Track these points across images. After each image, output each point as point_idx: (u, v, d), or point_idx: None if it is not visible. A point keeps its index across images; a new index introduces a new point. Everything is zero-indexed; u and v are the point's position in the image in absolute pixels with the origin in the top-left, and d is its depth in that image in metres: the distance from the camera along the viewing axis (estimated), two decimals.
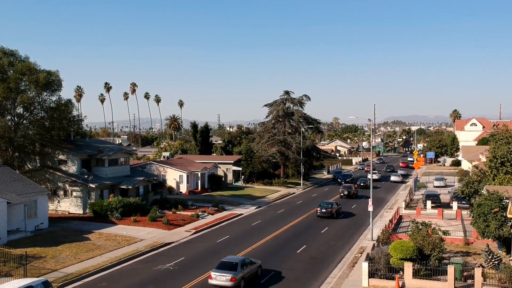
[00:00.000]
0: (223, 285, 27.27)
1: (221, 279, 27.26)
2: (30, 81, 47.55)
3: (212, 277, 27.62)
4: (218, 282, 27.39)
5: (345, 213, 54.06)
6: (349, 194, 66.21)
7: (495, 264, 28.73)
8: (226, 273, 27.32)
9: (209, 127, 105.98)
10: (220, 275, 27.35)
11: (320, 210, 51.50)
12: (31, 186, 42.37)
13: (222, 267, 28.00)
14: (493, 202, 33.55)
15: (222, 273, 27.39)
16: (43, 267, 31.11)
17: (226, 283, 27.09)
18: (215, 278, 27.50)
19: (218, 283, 27.40)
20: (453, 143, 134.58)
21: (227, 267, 27.92)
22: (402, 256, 28.09)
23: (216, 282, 27.45)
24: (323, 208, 51.62)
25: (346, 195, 66.14)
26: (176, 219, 46.89)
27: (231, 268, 27.82)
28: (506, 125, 59.35)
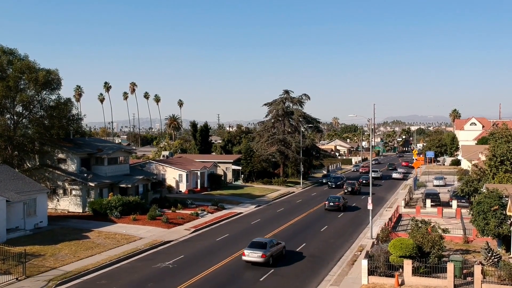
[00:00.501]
0: (255, 261, 31.25)
1: (253, 255, 31.28)
2: (30, 80, 47.47)
3: (246, 254, 31.67)
4: (250, 259, 31.37)
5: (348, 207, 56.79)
6: (353, 190, 68.54)
7: (495, 261, 28.70)
8: (257, 250, 31.33)
9: (209, 127, 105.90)
10: (252, 253, 31.41)
11: (328, 204, 54.59)
12: (30, 185, 42.32)
13: (253, 246, 31.87)
14: (493, 200, 33.56)
15: (254, 251, 31.42)
16: (42, 265, 31.09)
17: (257, 259, 31.15)
18: (248, 255, 31.52)
19: (250, 259, 31.38)
20: (453, 143, 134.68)
21: (258, 246, 31.87)
22: (401, 253, 28.07)
23: (249, 258, 31.45)
24: (330, 202, 54.73)
25: (350, 191, 68.10)
26: (176, 218, 46.86)
27: (261, 246, 31.78)
28: (505, 124, 59.34)
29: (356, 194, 68.41)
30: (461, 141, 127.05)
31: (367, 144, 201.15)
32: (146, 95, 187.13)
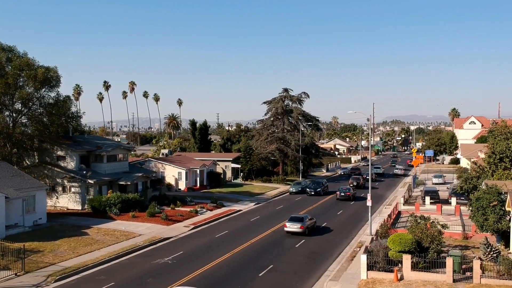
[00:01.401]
0: (295, 231, 39.75)
1: (293, 227, 39.89)
2: (29, 77, 47.44)
3: (287, 226, 40.15)
4: (291, 229, 39.87)
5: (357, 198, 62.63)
6: (358, 185, 73.43)
7: (494, 257, 28.70)
8: (296, 223, 39.87)
9: (208, 125, 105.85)
10: (292, 225, 39.92)
11: (339, 194, 61.88)
12: (29, 182, 42.29)
13: (293, 220, 40.54)
14: (492, 196, 33.57)
15: (294, 223, 39.95)
16: (41, 260, 31.09)
17: (297, 229, 39.66)
18: (289, 227, 40.01)
19: (291, 230, 39.88)
20: (452, 141, 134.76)
21: (297, 220, 40.54)
22: (400, 248, 28.08)
23: (290, 229, 39.93)
24: (342, 192, 61.98)
25: (355, 185, 72.77)
26: (175, 215, 46.86)
27: (299, 220, 40.44)
28: (505, 121, 59.37)
29: (361, 188, 72.51)
30: (460, 140, 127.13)
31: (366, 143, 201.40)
32: (145, 94, 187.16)
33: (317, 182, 68.55)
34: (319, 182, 68.35)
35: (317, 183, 68.32)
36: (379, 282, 26.84)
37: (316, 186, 66.29)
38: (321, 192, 64.71)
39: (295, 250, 35.49)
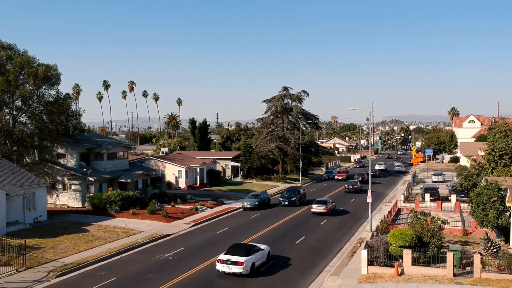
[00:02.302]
0: (320, 211, 48.22)
1: (319, 208, 48.45)
2: (29, 74, 47.48)
3: (313, 207, 48.81)
4: (317, 210, 48.47)
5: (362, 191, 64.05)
6: (363, 180, 75.87)
7: (494, 251, 28.75)
8: (321, 205, 48.72)
9: (208, 124, 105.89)
10: (318, 206, 48.74)
11: (348, 187, 67.09)
12: (29, 179, 42.33)
13: (318, 203, 49.40)
14: (492, 192, 33.63)
15: (319, 205, 48.80)
16: (42, 256, 31.16)
17: (322, 210, 48.15)
18: (315, 208, 48.70)
19: (317, 210, 48.44)
20: (451, 140, 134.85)
21: (322, 202, 49.37)
22: (401, 243, 28.12)
23: (315, 210, 48.56)
24: (349, 185, 67.27)
25: (360, 180, 74.73)
26: (175, 212, 46.91)
27: (324, 203, 49.25)
28: (504, 119, 59.41)
29: (366, 183, 73.26)
30: (460, 139, 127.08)
31: (366, 143, 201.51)
32: (144, 93, 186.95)
33: (292, 190, 58.79)
34: (294, 190, 58.63)
35: (292, 190, 58.30)
36: (379, 276, 26.91)
37: (290, 195, 56.11)
38: (296, 202, 54.47)
39: (295, 246, 35.54)
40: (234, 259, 27.58)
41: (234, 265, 27.40)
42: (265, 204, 53.56)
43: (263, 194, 55.48)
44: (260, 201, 52.60)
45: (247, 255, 28.09)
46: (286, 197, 55.65)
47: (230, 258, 27.69)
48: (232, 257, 27.77)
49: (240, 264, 27.30)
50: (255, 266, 28.45)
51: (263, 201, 53.68)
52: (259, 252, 29.60)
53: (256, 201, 52.25)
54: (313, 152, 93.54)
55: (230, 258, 27.73)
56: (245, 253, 28.20)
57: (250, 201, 52.36)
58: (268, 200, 55.28)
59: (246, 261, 27.53)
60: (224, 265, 27.66)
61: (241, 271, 27.30)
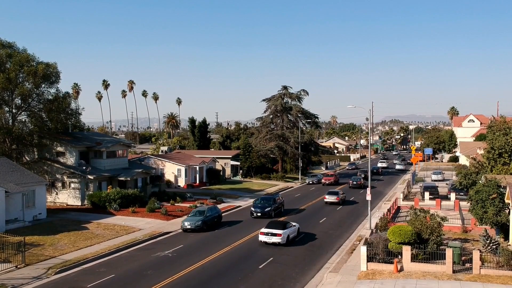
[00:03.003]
0: (332, 201, 53.15)
1: (331, 198, 53.37)
2: (29, 73, 47.44)
3: (326, 198, 53.66)
4: (329, 200, 53.19)
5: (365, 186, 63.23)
6: (366, 177, 75.45)
7: (493, 248, 28.77)
8: (333, 195, 53.80)
9: (207, 123, 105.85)
10: (330, 197, 53.58)
11: (352, 183, 70.83)
12: (29, 177, 42.31)
13: (330, 193, 54.30)
14: (491, 189, 33.67)
15: (331, 196, 53.74)
16: (42, 254, 31.16)
17: (334, 200, 53.23)
18: (328, 198, 53.36)
19: (329, 200, 53.17)
20: (451, 140, 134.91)
21: (334, 193, 54.21)
22: (400, 240, 28.14)
23: (328, 200, 53.25)
24: (354, 181, 71.23)
25: (363, 177, 75.14)
26: (175, 210, 46.92)
27: (335, 193, 54.29)
28: (504, 117, 59.48)
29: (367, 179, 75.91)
30: (459, 138, 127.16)
31: (365, 142, 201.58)
32: (144, 93, 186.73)
33: (266, 198, 49.77)
34: (269, 198, 49.49)
35: (266, 199, 49.32)
36: (379, 273, 26.90)
37: (264, 204, 47.06)
38: (271, 213, 46.13)
39: (295, 243, 35.48)
40: (274, 232, 33.81)
41: (274, 236, 33.69)
42: (213, 224, 41.00)
43: (211, 210, 41.88)
44: (205, 220, 39.71)
45: (284, 228, 34.54)
46: (259, 206, 46.64)
47: (271, 231, 33.94)
48: (272, 230, 33.98)
49: (278, 236, 33.60)
50: (289, 238, 34.63)
51: (211, 219, 40.81)
52: (292, 227, 35.88)
53: (200, 220, 39.30)
54: (312, 151, 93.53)
55: (271, 231, 33.98)
56: (282, 227, 34.73)
57: (192, 220, 39.32)
58: (218, 217, 42.39)
59: (283, 233, 33.94)
60: (266, 236, 33.89)
61: (280, 241, 33.51)
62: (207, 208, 42.15)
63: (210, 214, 41.05)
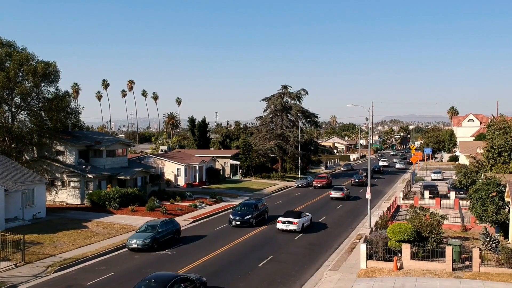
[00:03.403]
0: (338, 196, 56.27)
1: (336, 194, 56.65)
2: (28, 71, 47.33)
3: (332, 194, 57.13)
4: (335, 195, 56.70)
5: None
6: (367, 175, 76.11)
7: (493, 246, 28.72)
8: (339, 191, 56.96)
9: (207, 122, 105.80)
10: (335, 192, 57.09)
11: (354, 181, 73.34)
12: (28, 175, 42.27)
13: (336, 189, 57.74)
14: (491, 187, 33.66)
15: (336, 191, 57.16)
16: (41, 252, 31.12)
17: (339, 195, 56.43)
18: (333, 194, 56.86)
19: (335, 196, 56.62)
20: (451, 139, 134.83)
21: (339, 189, 57.59)
22: (400, 238, 28.11)
23: (334, 195, 56.78)
24: (356, 178, 73.76)
25: (365, 176, 75.91)
26: (174, 209, 46.90)
27: (341, 189, 57.41)
28: (503, 116, 59.44)
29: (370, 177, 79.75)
30: (459, 138, 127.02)
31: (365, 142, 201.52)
32: (144, 93, 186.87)
33: (248, 204, 43.31)
34: (251, 204, 43.04)
35: (248, 205, 43.11)
36: (378, 271, 26.89)
37: (244, 211, 41.54)
38: (252, 221, 40.52)
39: (294, 242, 35.53)
40: (290, 220, 37.97)
41: (290, 224, 37.80)
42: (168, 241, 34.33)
43: (165, 225, 34.69)
44: (156, 237, 32.94)
45: (299, 217, 38.60)
46: (238, 214, 41.14)
47: (287, 220, 38.14)
48: (289, 218, 38.19)
49: (294, 223, 37.73)
50: (304, 226, 38.67)
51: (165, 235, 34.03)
52: (306, 217, 39.98)
53: (150, 238, 32.42)
54: (312, 151, 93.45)
55: (287, 219, 38.18)
56: (297, 216, 38.86)
57: (139, 238, 32.56)
58: (175, 232, 35.33)
59: (299, 221, 38.04)
60: (283, 224, 38.06)
61: (295, 228, 37.63)
62: (160, 222, 34.64)
63: (163, 229, 33.96)
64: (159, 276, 21.56)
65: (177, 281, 21.29)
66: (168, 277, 21.51)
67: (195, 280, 22.55)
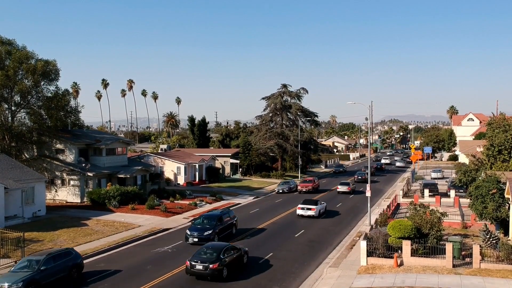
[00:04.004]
0: (344, 191, 60.51)
1: (342, 188, 60.84)
2: (28, 70, 47.31)
3: (339, 188, 61.17)
4: (341, 190, 60.71)
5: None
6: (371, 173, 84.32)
7: (493, 243, 28.72)
8: (345, 185, 61.30)
9: (207, 121, 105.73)
10: (342, 187, 61.04)
11: (357, 178, 75.85)
12: (28, 173, 42.25)
13: (343, 184, 61.86)
14: (491, 184, 33.65)
15: (343, 186, 61.16)
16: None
17: (346, 190, 60.46)
18: (340, 189, 60.93)
19: (341, 190, 60.67)
20: (450, 138, 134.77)
21: (345, 184, 61.71)
22: (400, 234, 28.10)
23: (340, 190, 60.85)
24: (359, 176, 76.40)
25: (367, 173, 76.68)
26: (174, 207, 46.88)
27: (346, 184, 61.72)
28: (503, 114, 59.46)
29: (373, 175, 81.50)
30: (459, 137, 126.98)
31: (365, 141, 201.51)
32: (143, 92, 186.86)
33: (210, 217, 35.64)
34: (214, 217, 35.34)
35: (210, 217, 35.52)
36: (379, 267, 26.87)
37: (205, 225, 34.40)
38: (213, 237, 33.27)
39: (295, 239, 35.53)
40: (309, 207, 43.97)
41: (309, 210, 43.67)
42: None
43: (53, 260, 25.00)
44: (36, 279, 23.37)
45: (316, 205, 44.58)
46: (197, 229, 33.86)
47: (306, 206, 44.12)
48: (307, 206, 44.24)
49: (312, 210, 43.63)
50: (320, 212, 44.53)
51: (50, 275, 24.36)
52: (322, 204, 45.95)
53: (21, 281, 22.84)
54: (312, 149, 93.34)
55: (306, 206, 44.17)
56: (315, 203, 44.83)
57: (10, 281, 22.96)
58: (70, 268, 25.52)
59: (316, 208, 43.97)
60: (302, 210, 43.98)
61: (313, 214, 43.54)
62: (45, 257, 24.67)
63: (48, 267, 24.35)
64: (215, 245, 27.56)
65: (228, 248, 26.87)
66: (221, 245, 27.47)
67: (241, 249, 28.22)
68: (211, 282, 25.13)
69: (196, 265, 25.18)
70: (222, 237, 34.31)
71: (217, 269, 24.95)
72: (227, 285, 24.94)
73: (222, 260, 25.43)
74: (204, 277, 25.22)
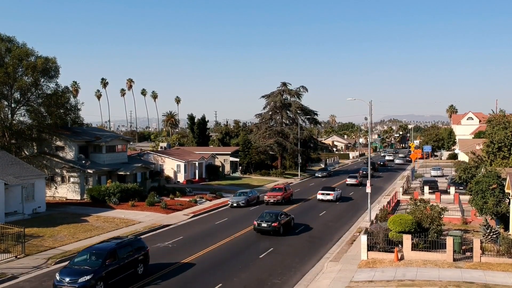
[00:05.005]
0: (353, 183, 66.70)
1: (351, 180, 67.45)
2: (28, 67, 47.30)
3: (347, 180, 68.08)
4: (350, 182, 67.23)
5: None
6: (374, 168, 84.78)
7: (494, 238, 28.74)
8: (353, 178, 68.03)
9: (207, 120, 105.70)
10: (351, 179, 67.93)
11: (362, 172, 77.96)
12: (28, 170, 42.23)
13: (351, 177, 68.54)
14: (491, 179, 33.66)
15: (351, 178, 68.08)
16: (41, 245, 31.10)
17: (354, 182, 67.09)
18: (349, 180, 67.86)
19: (350, 182, 67.16)
20: (450, 137, 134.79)
21: (354, 177, 68.34)
22: (401, 229, 28.11)
23: (349, 182, 67.37)
24: (364, 171, 78.33)
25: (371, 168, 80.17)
26: (174, 204, 46.88)
27: (355, 177, 68.37)
28: (503, 111, 59.49)
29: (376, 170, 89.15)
30: (458, 136, 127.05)
31: (364, 141, 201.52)
32: (143, 91, 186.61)
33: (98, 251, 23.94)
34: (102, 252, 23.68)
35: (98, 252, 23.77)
36: (379, 262, 26.89)
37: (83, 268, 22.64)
38: (93, 285, 21.95)
39: (293, 235, 35.52)
40: (328, 192, 52.18)
41: (328, 195, 51.76)
42: None
43: None
44: None
45: (334, 191, 52.70)
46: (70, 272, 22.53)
47: (326, 192, 52.30)
48: (327, 191, 52.41)
49: (331, 195, 51.67)
50: (337, 197, 52.29)
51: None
52: (338, 191, 53.67)
53: None
54: (312, 148, 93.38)
55: (326, 192, 52.39)
56: (332, 190, 53.05)
57: None
58: None
59: (334, 193, 52.05)
60: (322, 195, 52.02)
61: (332, 198, 51.49)
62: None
63: None
64: (272, 211, 37.01)
65: (282, 213, 36.66)
66: (277, 211, 37.00)
67: (290, 215, 38.01)
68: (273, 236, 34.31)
69: (262, 223, 34.85)
70: (116, 281, 23.17)
71: (277, 226, 34.63)
72: (284, 238, 34.27)
73: (280, 222, 35.04)
74: (267, 232, 34.65)
